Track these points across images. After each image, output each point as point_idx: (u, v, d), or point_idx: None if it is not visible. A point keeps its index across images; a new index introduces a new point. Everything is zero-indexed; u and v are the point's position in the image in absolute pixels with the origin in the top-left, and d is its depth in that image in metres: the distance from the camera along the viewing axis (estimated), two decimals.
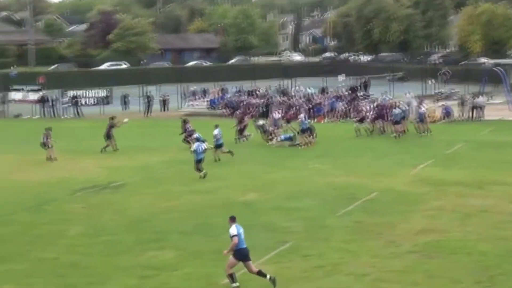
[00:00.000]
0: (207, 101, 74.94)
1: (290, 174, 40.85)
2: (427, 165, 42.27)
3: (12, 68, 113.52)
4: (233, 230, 22.83)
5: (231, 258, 22.68)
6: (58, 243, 28.42)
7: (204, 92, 79.28)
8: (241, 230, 23.12)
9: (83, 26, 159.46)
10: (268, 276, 22.41)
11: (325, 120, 61.48)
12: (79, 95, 75.81)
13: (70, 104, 74.50)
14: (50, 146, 45.53)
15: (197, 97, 78.22)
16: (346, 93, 69.77)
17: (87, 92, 77.63)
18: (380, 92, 67.56)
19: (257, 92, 74.26)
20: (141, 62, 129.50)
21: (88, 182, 39.69)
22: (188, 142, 46.39)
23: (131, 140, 45.12)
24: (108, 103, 76.60)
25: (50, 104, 74.14)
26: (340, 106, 63.57)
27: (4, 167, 43.73)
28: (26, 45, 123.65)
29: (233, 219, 23.36)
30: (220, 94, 75.28)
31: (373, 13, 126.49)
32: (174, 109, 73.87)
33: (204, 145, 40.58)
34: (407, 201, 33.64)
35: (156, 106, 73.54)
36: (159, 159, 46.10)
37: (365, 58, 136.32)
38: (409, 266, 24.59)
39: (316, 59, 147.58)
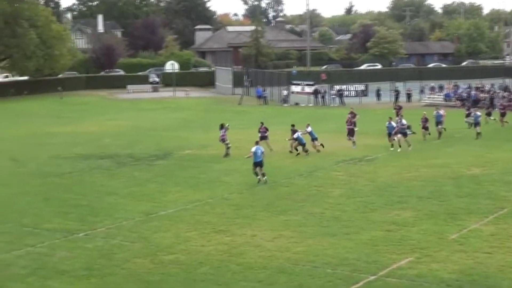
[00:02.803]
0: (443, 95, 73.27)
1: (507, 154, 39.29)
2: None
3: (293, 67, 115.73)
4: (253, 148, 32.11)
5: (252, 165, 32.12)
6: (324, 201, 28.80)
7: (441, 88, 77.57)
8: (259, 151, 31.99)
9: (348, 36, 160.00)
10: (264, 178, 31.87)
11: None
12: (343, 89, 76.32)
13: (336, 96, 75.10)
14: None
15: (435, 91, 76.57)
16: None
17: (349, 86, 78.09)
18: None
19: (483, 88, 71.83)
20: (392, 63, 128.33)
21: (348, 155, 39.88)
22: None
23: (381, 125, 44.90)
24: (365, 95, 76.58)
25: (321, 95, 75.08)
26: None
27: (288, 145, 44.72)
28: (304, 50, 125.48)
29: (256, 143, 32.93)
30: (453, 89, 73.41)
31: None
32: (416, 100, 72.85)
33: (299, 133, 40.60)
34: None
35: (402, 98, 72.73)
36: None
37: None
38: None
39: None
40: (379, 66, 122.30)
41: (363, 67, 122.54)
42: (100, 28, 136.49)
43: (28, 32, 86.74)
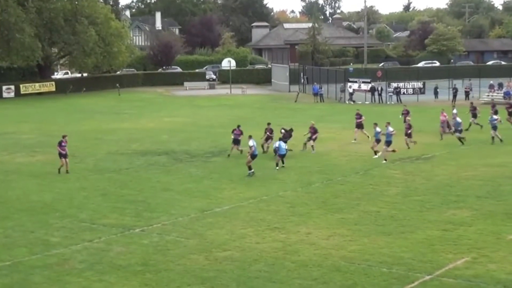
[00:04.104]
0: (502, 92, 72.10)
1: None
2: None
3: (350, 64, 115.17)
4: (250, 142, 33.75)
5: (248, 157, 33.87)
6: (380, 200, 28.63)
7: (500, 85, 76.34)
8: (254, 143, 33.82)
9: (406, 33, 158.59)
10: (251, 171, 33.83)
11: None
12: (400, 86, 75.63)
13: (393, 93, 74.49)
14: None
15: (494, 89, 75.36)
16: None
17: (406, 84, 77.35)
18: None
19: None
20: (450, 61, 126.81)
21: (404, 153, 39.55)
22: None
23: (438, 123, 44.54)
24: (422, 93, 75.79)
25: (378, 93, 74.56)
26: None
27: (343, 142, 44.42)
28: (361, 47, 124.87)
29: (250, 137, 34.18)
30: None
31: None
32: (474, 99, 71.71)
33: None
34: None
35: (460, 96, 71.72)
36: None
37: None
38: None
39: None
40: (437, 64, 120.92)
41: (420, 64, 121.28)
42: (158, 25, 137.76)
43: (87, 30, 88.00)
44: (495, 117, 43.68)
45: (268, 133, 41.13)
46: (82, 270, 20.56)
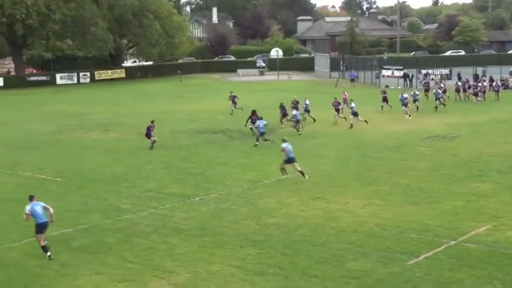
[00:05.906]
0: None
1: None
2: None
3: (384, 54, 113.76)
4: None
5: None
6: (410, 173, 28.37)
7: None
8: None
9: (434, 25, 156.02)
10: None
11: None
12: (429, 73, 74.58)
13: (423, 79, 73.46)
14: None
15: None
16: None
17: (434, 71, 76.24)
18: None
19: None
20: (474, 50, 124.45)
21: (432, 133, 39.09)
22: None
23: (463, 105, 43.85)
24: (449, 79, 74.58)
25: (410, 78, 73.66)
26: None
27: (377, 122, 44.08)
28: (394, 38, 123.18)
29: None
30: None
31: None
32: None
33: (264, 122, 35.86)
34: None
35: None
36: (483, 118, 44.33)
37: None
38: None
39: None
40: (462, 53, 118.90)
41: (447, 53, 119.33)
42: (214, 19, 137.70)
43: (152, 23, 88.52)
44: (405, 95, 45.65)
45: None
46: (148, 233, 20.82)
